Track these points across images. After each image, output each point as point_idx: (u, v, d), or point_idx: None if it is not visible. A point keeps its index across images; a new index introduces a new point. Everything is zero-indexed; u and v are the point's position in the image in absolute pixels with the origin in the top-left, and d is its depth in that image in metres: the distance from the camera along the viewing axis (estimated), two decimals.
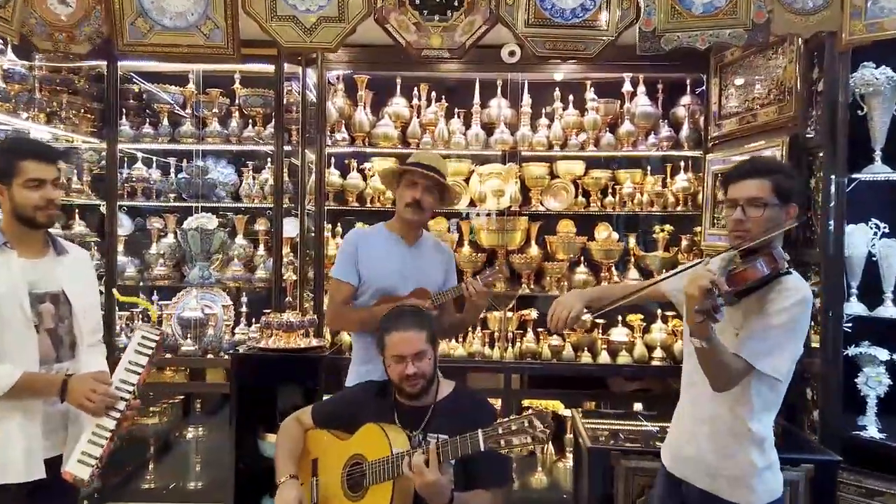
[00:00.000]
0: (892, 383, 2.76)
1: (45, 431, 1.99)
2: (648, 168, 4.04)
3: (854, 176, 2.77)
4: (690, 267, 1.84)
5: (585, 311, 2.03)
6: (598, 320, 3.86)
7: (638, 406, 3.83)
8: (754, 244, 1.73)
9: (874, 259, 2.80)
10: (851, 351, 2.78)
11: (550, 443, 4.00)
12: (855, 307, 2.79)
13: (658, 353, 3.77)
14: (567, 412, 3.95)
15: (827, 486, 2.52)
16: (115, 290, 2.29)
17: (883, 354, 2.74)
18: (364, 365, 2.51)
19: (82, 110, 3.89)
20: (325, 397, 3.41)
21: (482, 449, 1.77)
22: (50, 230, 2.13)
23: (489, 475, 1.99)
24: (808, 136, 2.94)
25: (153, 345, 2.08)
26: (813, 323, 2.80)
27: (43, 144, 2.21)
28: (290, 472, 2.11)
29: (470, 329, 3.89)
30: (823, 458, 2.54)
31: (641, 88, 3.93)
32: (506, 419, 1.75)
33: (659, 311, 3.86)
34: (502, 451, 1.74)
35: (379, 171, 2.55)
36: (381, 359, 2.12)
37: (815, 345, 2.83)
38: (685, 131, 3.87)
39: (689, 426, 1.92)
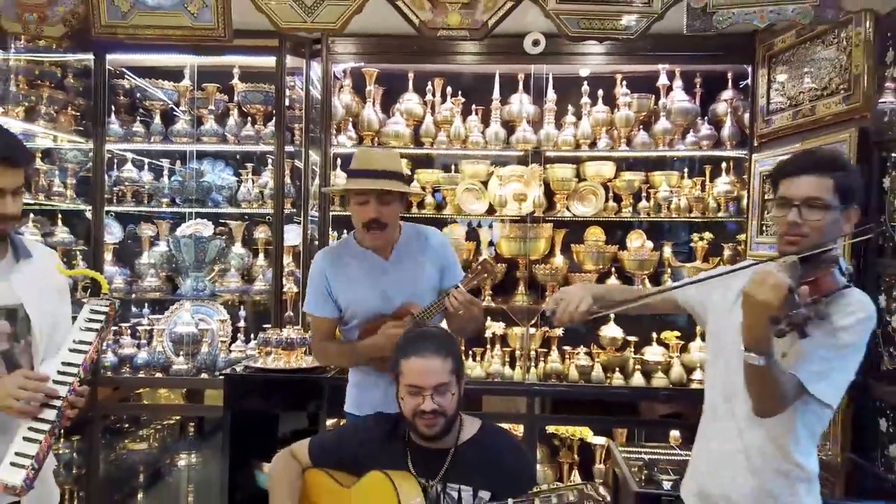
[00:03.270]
0: None
1: None
2: (686, 170, 3.70)
3: None
4: (719, 275, 1.70)
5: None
6: (629, 337, 3.53)
7: (675, 433, 3.46)
8: (820, 250, 1.46)
9: None
10: None
11: (577, 472, 3.64)
12: None
13: (697, 374, 3.46)
14: (597, 440, 3.59)
15: None
16: (57, 263, 1.91)
17: None
18: (359, 389, 2.21)
19: (68, 107, 3.57)
20: (328, 425, 3.11)
21: None
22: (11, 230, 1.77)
23: None
24: (882, 128, 2.56)
25: (102, 318, 1.72)
26: (889, 344, 2.43)
27: (6, 143, 1.69)
28: None
29: (488, 347, 3.58)
30: None
31: (678, 83, 3.59)
32: (548, 488, 1.37)
33: (698, 329, 3.50)
34: None
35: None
36: (395, 386, 1.77)
37: (888, 366, 2.45)
38: (727, 129, 3.51)
39: (719, 459, 1.66)
